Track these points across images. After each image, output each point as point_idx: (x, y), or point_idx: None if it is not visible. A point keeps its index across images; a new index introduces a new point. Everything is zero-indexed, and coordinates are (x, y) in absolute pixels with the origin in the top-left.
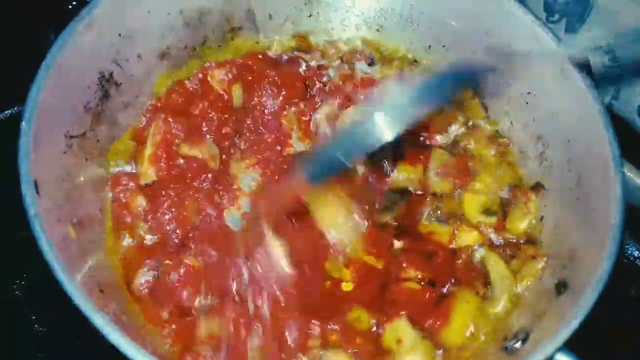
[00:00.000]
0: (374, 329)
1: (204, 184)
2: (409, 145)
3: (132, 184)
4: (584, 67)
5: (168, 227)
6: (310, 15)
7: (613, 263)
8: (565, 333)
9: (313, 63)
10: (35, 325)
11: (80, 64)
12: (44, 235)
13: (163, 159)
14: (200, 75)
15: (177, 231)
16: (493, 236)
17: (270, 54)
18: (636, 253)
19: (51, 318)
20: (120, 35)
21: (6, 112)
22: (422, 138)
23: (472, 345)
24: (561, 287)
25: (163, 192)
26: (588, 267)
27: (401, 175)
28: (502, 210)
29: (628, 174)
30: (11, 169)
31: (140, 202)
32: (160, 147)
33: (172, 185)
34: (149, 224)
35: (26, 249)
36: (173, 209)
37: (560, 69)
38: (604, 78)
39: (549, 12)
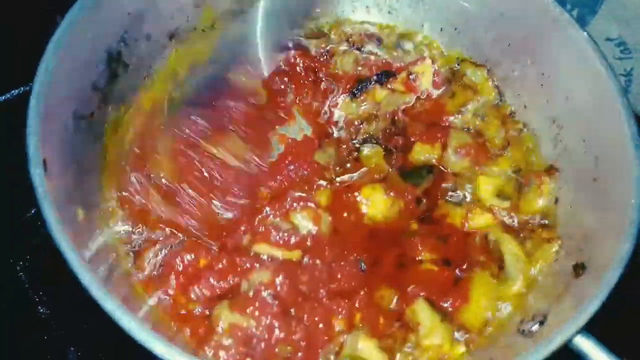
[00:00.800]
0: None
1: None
2: (426, 125)
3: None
4: None
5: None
6: None
7: (633, 245)
8: (585, 316)
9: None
10: (39, 307)
11: (88, 43)
12: (52, 215)
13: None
14: None
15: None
16: (507, 219)
17: None
18: None
19: (54, 300)
20: (129, 14)
21: (13, 91)
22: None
23: (490, 328)
24: (579, 269)
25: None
26: (607, 249)
27: (421, 155)
28: (516, 193)
29: None
30: (18, 151)
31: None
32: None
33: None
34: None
35: (30, 230)
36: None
37: (577, 49)
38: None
39: (561, 3)
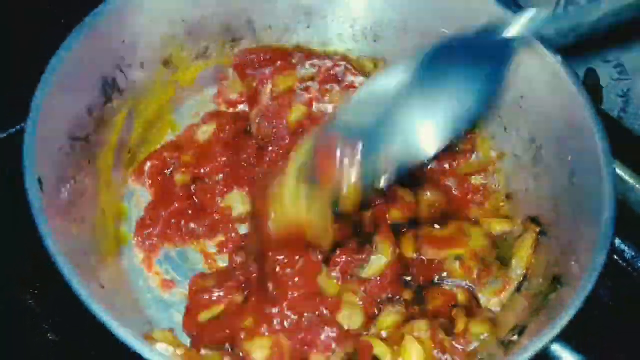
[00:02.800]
0: None
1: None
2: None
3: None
4: (590, 73)
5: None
6: (308, 27)
7: (606, 257)
8: (560, 324)
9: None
10: (49, 335)
11: (84, 68)
12: (47, 230)
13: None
14: None
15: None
16: None
17: None
18: None
19: (64, 327)
20: (123, 42)
21: (17, 127)
22: None
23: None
24: (557, 282)
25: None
26: (582, 261)
27: None
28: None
29: (637, 186)
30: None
31: None
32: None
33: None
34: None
35: (39, 259)
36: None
37: (551, 71)
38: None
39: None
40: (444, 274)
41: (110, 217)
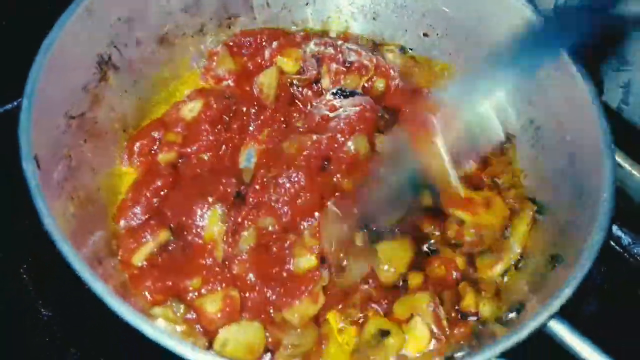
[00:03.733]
0: None
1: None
2: None
3: None
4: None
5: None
6: (307, 4)
7: (604, 236)
8: (558, 302)
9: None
10: (42, 310)
11: (79, 46)
12: (44, 207)
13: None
14: None
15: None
16: None
17: None
18: None
19: (57, 302)
20: (119, 19)
21: (14, 102)
22: None
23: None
24: (555, 261)
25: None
26: (581, 240)
27: None
28: None
29: (637, 174)
30: (18, 160)
31: None
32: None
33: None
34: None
35: (34, 235)
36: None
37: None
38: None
39: None
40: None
41: (107, 195)
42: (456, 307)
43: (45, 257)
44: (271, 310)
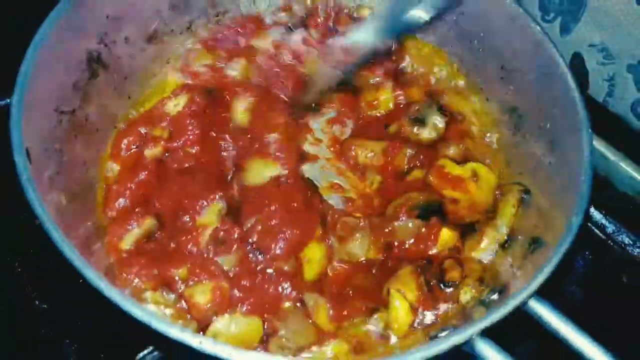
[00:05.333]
0: None
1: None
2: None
3: None
4: (576, 57)
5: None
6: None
7: (582, 217)
8: (538, 280)
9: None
10: (37, 302)
11: (68, 43)
12: (36, 197)
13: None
14: None
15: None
16: None
17: None
18: (627, 240)
19: (52, 295)
20: (107, 17)
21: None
22: None
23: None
24: (534, 243)
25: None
26: (560, 223)
27: None
28: None
29: (621, 164)
30: (11, 155)
31: None
32: None
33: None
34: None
35: (28, 226)
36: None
37: (531, 39)
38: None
39: (544, 11)
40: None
41: (98, 188)
42: (440, 281)
43: (40, 250)
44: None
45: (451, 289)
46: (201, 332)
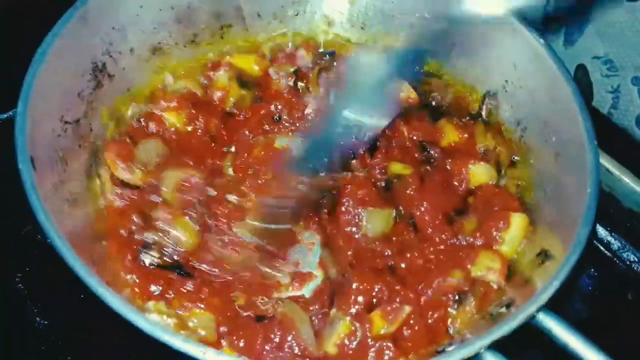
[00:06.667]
0: None
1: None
2: None
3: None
4: (580, 69)
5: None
6: (297, 14)
7: (589, 230)
8: (546, 294)
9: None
10: (37, 318)
11: (74, 53)
12: (39, 205)
13: None
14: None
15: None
16: None
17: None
18: (632, 257)
19: (53, 311)
20: (113, 28)
21: (8, 113)
22: None
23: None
24: (543, 256)
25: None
26: (567, 235)
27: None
28: None
29: (625, 179)
30: (15, 167)
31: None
32: None
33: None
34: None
35: (29, 242)
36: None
37: (534, 53)
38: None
39: (547, 23)
40: None
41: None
42: None
43: (41, 265)
44: None
45: None
46: None
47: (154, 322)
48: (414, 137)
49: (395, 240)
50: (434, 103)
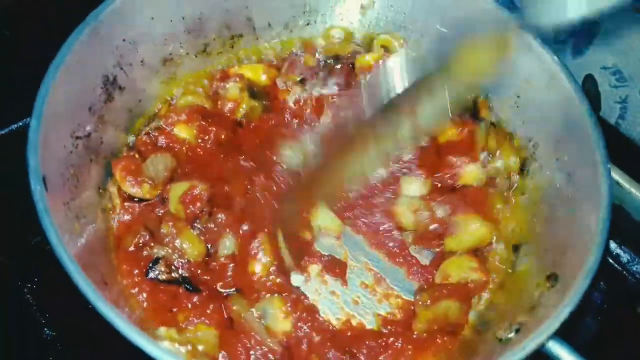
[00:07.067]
0: None
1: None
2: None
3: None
4: (588, 79)
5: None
6: (307, 24)
7: (601, 255)
8: (557, 321)
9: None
10: (45, 329)
11: (85, 67)
12: (52, 228)
13: None
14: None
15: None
16: None
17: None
18: None
19: (61, 322)
20: (124, 40)
21: (20, 122)
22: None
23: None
24: (552, 279)
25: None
26: (577, 260)
27: None
28: None
29: (635, 192)
30: (25, 178)
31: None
32: None
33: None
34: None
35: (38, 254)
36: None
37: (548, 70)
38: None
39: (556, 32)
40: None
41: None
42: None
43: (49, 276)
44: None
45: None
46: None
47: (166, 350)
48: None
49: None
50: None
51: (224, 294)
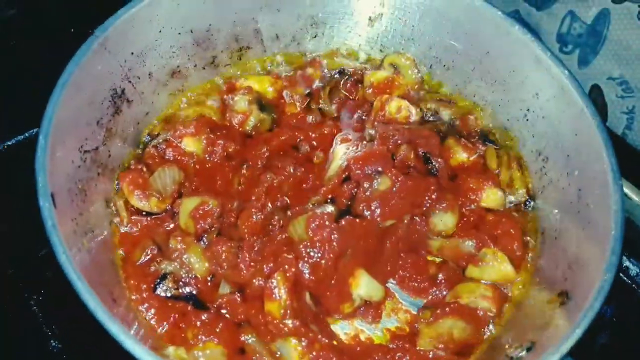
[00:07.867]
0: None
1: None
2: None
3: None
4: (595, 90)
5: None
6: (315, 36)
7: (614, 274)
8: (569, 342)
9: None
10: (51, 341)
11: (94, 81)
12: (61, 246)
13: None
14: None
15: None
16: None
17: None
18: None
19: (67, 334)
20: (132, 53)
21: (26, 133)
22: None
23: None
24: (564, 297)
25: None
26: (590, 278)
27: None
28: None
29: None
30: (32, 189)
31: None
32: None
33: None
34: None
35: (45, 266)
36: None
37: (558, 84)
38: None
39: (562, 43)
40: None
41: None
42: None
43: (55, 288)
44: None
45: None
46: None
47: None
48: (420, 151)
49: None
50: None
51: (234, 322)
